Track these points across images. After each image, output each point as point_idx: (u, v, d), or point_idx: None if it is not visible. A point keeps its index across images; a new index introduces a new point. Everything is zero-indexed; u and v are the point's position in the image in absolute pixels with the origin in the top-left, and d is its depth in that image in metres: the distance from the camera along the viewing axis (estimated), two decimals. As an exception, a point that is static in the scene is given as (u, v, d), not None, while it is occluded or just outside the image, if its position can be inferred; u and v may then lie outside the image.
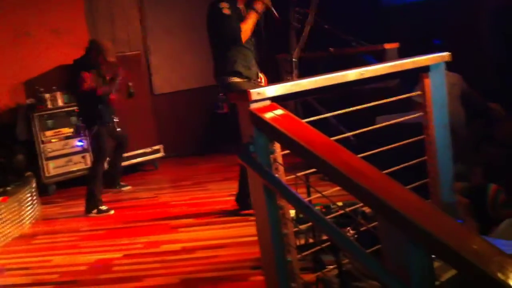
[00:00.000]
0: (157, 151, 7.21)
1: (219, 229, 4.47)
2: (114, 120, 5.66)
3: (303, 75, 3.51)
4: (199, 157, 7.61)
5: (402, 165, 2.46)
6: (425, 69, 2.48)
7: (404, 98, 2.68)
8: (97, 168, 5.46)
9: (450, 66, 2.60)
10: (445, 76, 2.55)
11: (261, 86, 3.41)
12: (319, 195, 2.70)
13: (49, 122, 6.38)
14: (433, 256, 1.59)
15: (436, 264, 1.84)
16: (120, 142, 5.99)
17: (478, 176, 3.54)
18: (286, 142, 1.96)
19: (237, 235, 4.20)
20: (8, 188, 5.26)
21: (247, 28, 4.24)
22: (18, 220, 5.05)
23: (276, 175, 2.08)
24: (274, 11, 4.06)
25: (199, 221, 4.72)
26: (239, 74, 4.33)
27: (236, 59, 4.31)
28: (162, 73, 7.82)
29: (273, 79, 4.82)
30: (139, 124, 7.00)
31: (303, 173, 2.33)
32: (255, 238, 2.21)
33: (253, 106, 2.03)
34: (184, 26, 7.74)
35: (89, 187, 5.39)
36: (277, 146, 2.12)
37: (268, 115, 2.01)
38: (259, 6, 4.22)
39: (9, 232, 4.85)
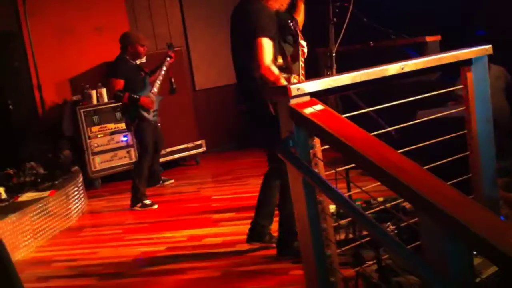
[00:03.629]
0: (199, 146, 7.30)
1: (259, 223, 4.50)
2: (155, 117, 5.68)
3: (341, 69, 3.50)
4: (239, 151, 7.67)
5: (444, 160, 2.43)
6: (467, 63, 2.45)
7: (446, 92, 2.66)
8: (142, 163, 5.56)
9: (492, 57, 2.55)
10: (488, 69, 2.51)
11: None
12: (359, 190, 2.70)
13: (95, 118, 6.55)
14: (474, 252, 1.58)
15: (477, 260, 1.83)
16: (157, 140, 5.93)
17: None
18: (326, 137, 1.98)
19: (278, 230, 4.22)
20: (56, 182, 5.43)
21: (301, 19, 4.21)
22: (66, 214, 5.22)
23: (316, 170, 2.10)
24: None
25: (240, 216, 4.77)
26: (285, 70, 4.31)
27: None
28: (203, 69, 7.91)
29: (312, 73, 4.81)
30: (181, 120, 7.11)
31: (342, 168, 2.34)
32: (296, 232, 2.23)
33: (293, 101, 2.05)
34: (223, 21, 7.75)
35: (134, 181, 5.50)
36: (316, 141, 2.13)
37: (308, 111, 2.03)
38: None
39: (56, 225, 5.02)
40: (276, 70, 3.27)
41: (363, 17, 4.51)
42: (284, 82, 3.31)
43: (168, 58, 5.82)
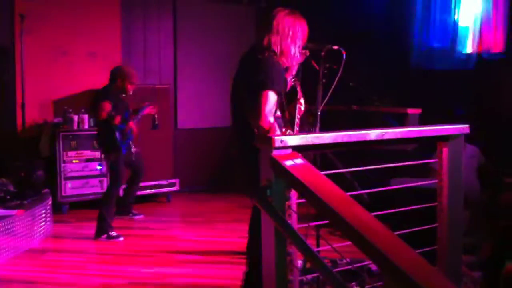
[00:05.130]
0: (173, 184, 7.29)
1: (224, 269, 4.49)
2: (132, 149, 5.75)
3: (323, 127, 3.60)
4: (212, 194, 7.68)
5: (412, 229, 2.50)
6: (444, 138, 2.55)
7: (421, 163, 2.76)
8: (111, 193, 5.55)
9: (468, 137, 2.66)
10: (463, 147, 2.62)
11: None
12: (326, 248, 2.74)
13: (73, 142, 6.53)
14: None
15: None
16: (135, 172, 6.09)
17: (488, 250, 3.55)
18: (302, 191, 2.03)
19: (241, 277, 4.20)
20: (25, 202, 5.36)
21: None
22: (30, 235, 5.13)
23: (289, 221, 2.14)
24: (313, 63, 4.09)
25: (206, 259, 4.76)
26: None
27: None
28: (188, 108, 8.00)
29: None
30: (158, 156, 7.12)
31: (315, 223, 2.39)
32: (261, 281, 2.25)
33: (275, 152, 2.12)
34: (215, 66, 7.94)
35: (101, 211, 5.46)
36: (293, 193, 2.19)
37: (288, 163, 2.09)
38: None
39: (19, 245, 4.92)
40: (272, 120, 3.34)
41: (349, 81, 4.66)
42: (277, 132, 3.36)
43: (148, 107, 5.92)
